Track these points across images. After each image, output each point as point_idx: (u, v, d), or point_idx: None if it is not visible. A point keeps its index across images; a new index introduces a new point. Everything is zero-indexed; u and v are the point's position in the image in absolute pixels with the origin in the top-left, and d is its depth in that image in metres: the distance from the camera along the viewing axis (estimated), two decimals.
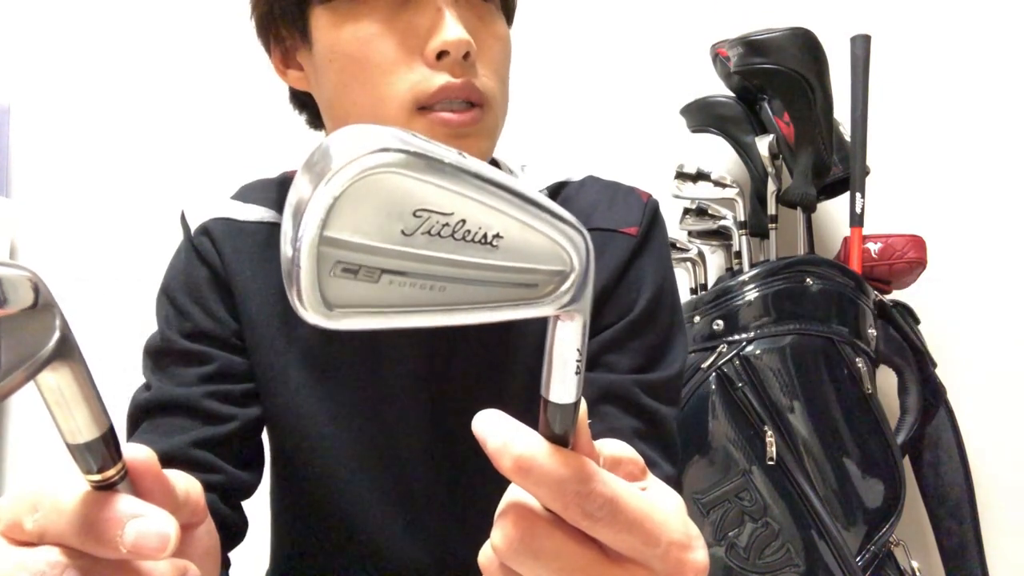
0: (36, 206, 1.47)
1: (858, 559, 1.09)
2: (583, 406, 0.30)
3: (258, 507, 0.68)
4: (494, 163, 0.71)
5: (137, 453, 0.31)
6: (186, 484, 0.34)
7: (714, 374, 1.11)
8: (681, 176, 1.26)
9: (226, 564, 0.56)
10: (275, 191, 0.69)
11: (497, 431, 0.28)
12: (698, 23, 1.40)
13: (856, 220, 1.22)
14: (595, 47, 1.43)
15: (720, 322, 1.14)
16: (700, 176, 1.25)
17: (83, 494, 0.28)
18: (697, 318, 1.17)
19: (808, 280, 1.14)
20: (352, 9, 0.56)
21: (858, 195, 1.22)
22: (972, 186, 1.39)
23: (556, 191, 0.70)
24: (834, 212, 1.37)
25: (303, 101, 0.68)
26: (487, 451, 0.28)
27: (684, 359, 0.67)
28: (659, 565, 0.29)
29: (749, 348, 1.11)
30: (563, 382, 0.28)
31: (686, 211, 1.28)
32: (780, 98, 1.20)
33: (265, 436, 0.67)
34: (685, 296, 1.14)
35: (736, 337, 1.12)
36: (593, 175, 0.71)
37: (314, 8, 0.58)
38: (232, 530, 0.60)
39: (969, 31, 1.40)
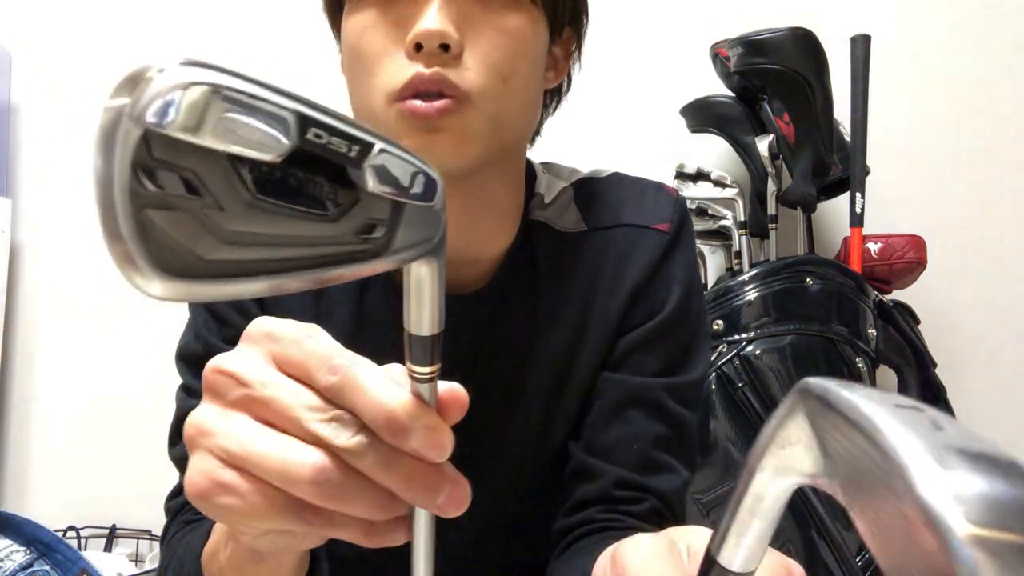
0: (36, 206, 1.47)
1: (858, 559, 1.09)
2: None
3: None
4: (529, 173, 0.69)
5: (457, 390, 0.32)
6: None
7: (714, 374, 1.11)
8: (681, 176, 1.26)
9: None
10: None
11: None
12: (698, 23, 1.40)
13: (856, 220, 1.22)
14: (595, 47, 1.43)
15: (720, 322, 1.14)
16: (700, 176, 1.25)
17: (387, 382, 0.30)
18: None
19: (808, 280, 1.14)
20: (361, 1, 0.56)
21: (858, 195, 1.22)
22: (972, 186, 1.39)
23: (580, 186, 0.69)
24: (834, 212, 1.37)
25: None
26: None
27: (708, 360, 0.66)
28: None
29: (749, 348, 1.11)
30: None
31: None
32: (780, 98, 1.20)
33: None
34: None
35: (736, 337, 1.13)
36: (618, 172, 0.71)
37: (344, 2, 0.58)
38: None
39: (969, 31, 1.39)
